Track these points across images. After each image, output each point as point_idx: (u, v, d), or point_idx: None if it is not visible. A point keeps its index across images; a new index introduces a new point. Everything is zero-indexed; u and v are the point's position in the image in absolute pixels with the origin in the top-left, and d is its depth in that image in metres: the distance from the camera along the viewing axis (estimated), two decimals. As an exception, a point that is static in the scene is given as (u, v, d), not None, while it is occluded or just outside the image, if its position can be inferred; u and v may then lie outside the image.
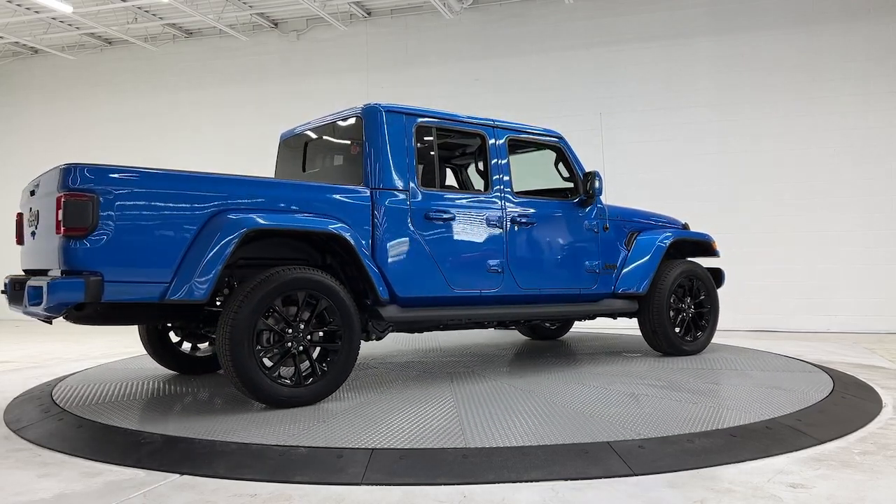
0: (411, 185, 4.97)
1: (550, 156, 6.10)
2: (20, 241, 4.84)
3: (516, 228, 5.46)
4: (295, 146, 5.91)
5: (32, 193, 4.48)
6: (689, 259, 6.64)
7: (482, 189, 5.58)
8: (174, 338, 5.62)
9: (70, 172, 3.86)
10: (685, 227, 6.98)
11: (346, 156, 5.31)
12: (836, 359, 6.61)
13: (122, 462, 3.41)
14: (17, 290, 4.40)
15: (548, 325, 7.85)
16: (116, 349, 8.11)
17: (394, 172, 4.93)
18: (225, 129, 12.18)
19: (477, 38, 11.23)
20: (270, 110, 12.00)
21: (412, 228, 4.92)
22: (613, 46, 10.61)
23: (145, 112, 12.86)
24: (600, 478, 3.09)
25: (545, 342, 7.65)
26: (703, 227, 10.07)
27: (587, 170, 6.01)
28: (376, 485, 3.05)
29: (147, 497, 2.96)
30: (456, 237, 5.14)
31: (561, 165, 6.10)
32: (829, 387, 4.82)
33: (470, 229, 5.22)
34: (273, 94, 12.16)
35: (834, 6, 9.78)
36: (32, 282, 3.98)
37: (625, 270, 6.13)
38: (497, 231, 5.35)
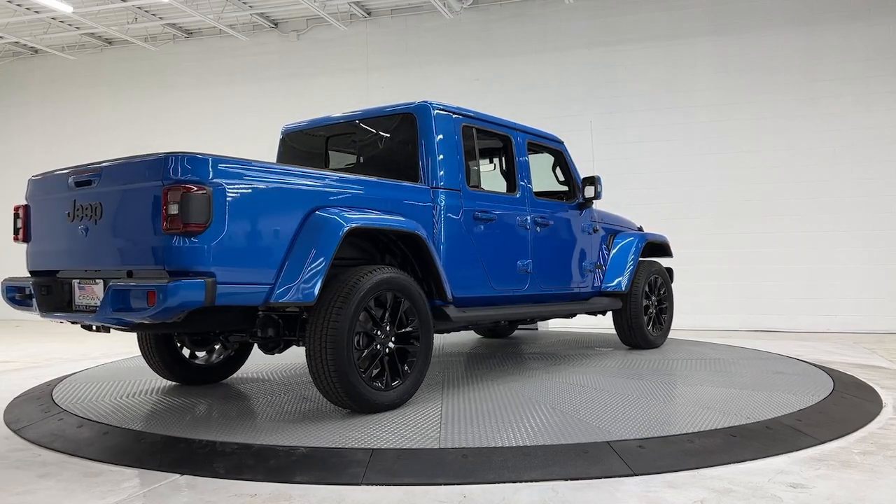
0: (462, 184, 4.99)
1: (548, 158, 6.23)
2: (25, 237, 4.38)
3: (538, 230, 5.61)
4: (305, 141, 5.70)
5: (81, 184, 3.91)
6: (651, 259, 7.04)
7: (506, 190, 5.68)
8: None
9: (176, 162, 3.48)
10: (640, 229, 7.26)
11: (391, 153, 5.17)
12: (836, 359, 6.61)
13: (122, 462, 3.41)
14: (48, 294, 4.03)
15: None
16: (116, 349, 8.11)
17: (449, 172, 4.92)
18: (225, 129, 12.18)
19: (477, 38, 11.23)
20: (270, 110, 12.00)
21: (464, 228, 4.93)
22: (613, 46, 10.61)
23: (145, 112, 12.87)
24: (600, 478, 3.09)
25: (500, 339, 7.83)
26: (702, 228, 10.11)
27: (587, 174, 6.21)
28: (376, 485, 3.05)
29: (147, 497, 2.96)
30: (496, 237, 5.21)
31: (558, 169, 6.27)
32: (829, 387, 4.82)
33: (506, 230, 5.32)
34: (273, 93, 12.16)
35: (834, 6, 9.78)
36: (119, 284, 3.52)
37: (609, 270, 6.44)
38: (524, 232, 5.48)
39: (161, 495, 2.97)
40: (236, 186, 3.61)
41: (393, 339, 4.19)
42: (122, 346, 8.37)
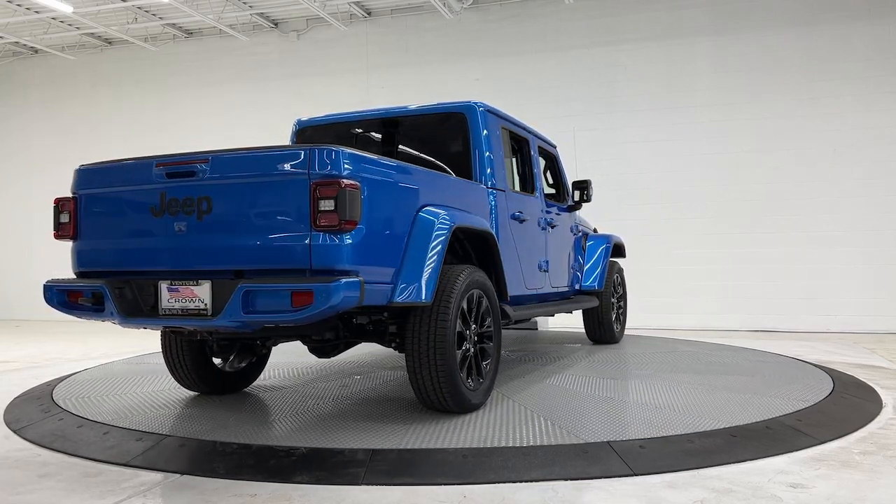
0: (506, 185, 5.05)
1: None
2: (72, 233, 3.90)
3: (550, 230, 5.79)
4: (328, 136, 5.52)
5: (177, 175, 3.56)
6: (613, 259, 7.31)
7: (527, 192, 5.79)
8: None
9: (324, 155, 3.30)
10: (595, 231, 7.51)
11: (437, 152, 5.11)
12: (836, 359, 6.61)
13: (122, 462, 3.41)
14: (121, 297, 3.64)
15: None
16: (117, 349, 8.11)
17: (498, 173, 4.96)
18: (225, 129, 12.17)
19: (477, 38, 11.23)
20: (271, 110, 12.01)
21: (508, 228, 4.97)
22: (613, 46, 10.61)
23: (145, 112, 12.86)
24: (600, 478, 3.09)
25: None
26: (702, 227, 10.10)
27: (579, 178, 6.47)
28: (376, 485, 3.05)
29: (147, 497, 2.96)
30: (528, 238, 5.31)
31: (549, 172, 6.42)
32: (829, 387, 4.82)
33: (533, 231, 5.44)
34: (273, 93, 12.16)
35: (834, 6, 9.78)
36: (257, 285, 3.27)
37: (587, 269, 6.67)
38: (542, 233, 5.62)
39: (161, 495, 2.97)
40: (374, 183, 3.50)
41: (475, 338, 4.14)
42: (122, 347, 8.37)
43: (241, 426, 3.87)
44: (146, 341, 8.80)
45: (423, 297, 3.66)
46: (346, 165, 3.32)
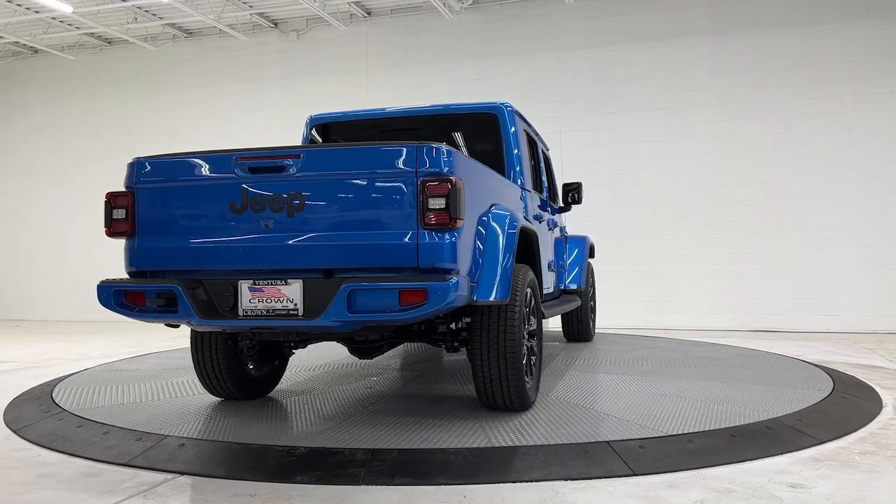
0: (531, 186, 5.14)
1: None
2: (129, 230, 3.64)
3: (555, 231, 5.96)
4: (347, 133, 5.41)
5: (263, 170, 3.45)
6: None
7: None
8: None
9: (430, 153, 3.26)
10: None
11: (468, 152, 5.11)
12: (836, 359, 6.61)
13: (122, 462, 3.41)
14: (204, 298, 3.47)
15: None
16: (117, 349, 8.11)
17: (526, 173, 5.03)
18: (225, 129, 12.17)
19: (477, 38, 11.22)
20: (270, 110, 12.01)
21: (534, 228, 5.03)
22: (613, 46, 10.61)
23: (145, 112, 12.86)
24: (600, 478, 3.09)
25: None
26: (702, 227, 10.10)
27: (566, 179, 6.54)
28: (376, 485, 3.05)
29: (147, 497, 2.96)
30: (544, 238, 5.40)
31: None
32: (829, 387, 4.82)
33: (545, 231, 5.52)
34: (273, 93, 12.16)
35: (834, 6, 9.78)
36: (367, 283, 3.20)
37: (569, 269, 6.77)
38: (549, 232, 5.71)
39: (161, 495, 2.97)
40: (469, 182, 3.48)
41: (525, 336, 4.12)
42: (122, 347, 8.37)
43: (241, 426, 3.87)
44: (146, 341, 8.81)
45: (502, 296, 3.63)
46: (452, 163, 3.30)
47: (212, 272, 3.53)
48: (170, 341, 8.55)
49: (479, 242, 3.64)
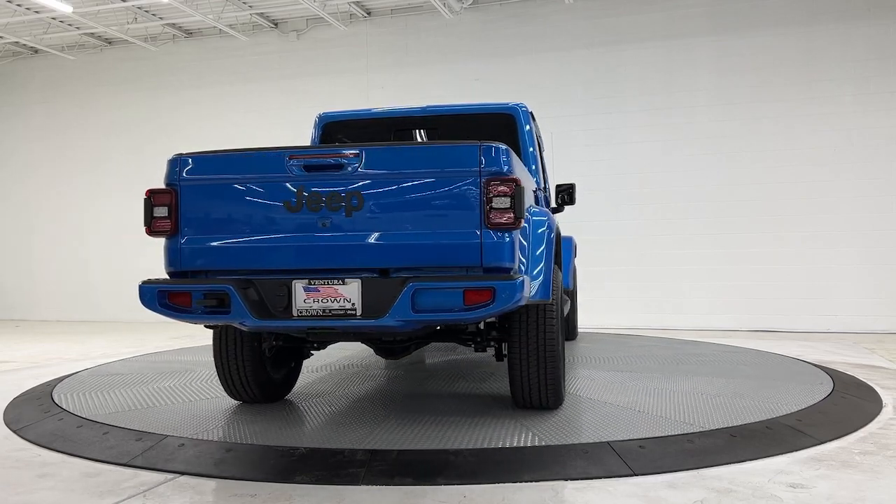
0: (543, 185, 5.18)
1: None
2: (172, 229, 3.50)
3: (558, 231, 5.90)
4: (358, 132, 5.34)
5: (319, 168, 3.39)
6: None
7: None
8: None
9: (493, 153, 3.25)
10: None
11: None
12: (836, 359, 6.61)
13: (122, 462, 3.41)
14: (256, 298, 3.38)
15: None
16: (117, 349, 8.11)
17: (539, 172, 5.05)
18: (225, 129, 12.17)
19: (477, 38, 11.22)
20: (270, 110, 12.01)
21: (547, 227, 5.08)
22: (613, 46, 10.60)
23: (145, 112, 12.85)
24: (600, 478, 3.09)
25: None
26: (702, 227, 10.10)
27: (572, 180, 6.47)
28: (376, 485, 3.05)
29: (147, 497, 2.96)
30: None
31: None
32: (829, 387, 4.82)
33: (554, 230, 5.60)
34: (273, 93, 12.16)
35: (834, 6, 9.78)
36: (431, 283, 3.17)
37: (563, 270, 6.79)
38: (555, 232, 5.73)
39: (161, 495, 2.97)
40: (523, 180, 3.48)
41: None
42: (122, 347, 8.37)
43: (241, 426, 3.87)
44: (145, 342, 8.81)
45: (547, 295, 3.66)
46: (506, 163, 3.29)
47: (263, 272, 3.45)
48: (170, 341, 8.56)
49: (524, 242, 3.66)
